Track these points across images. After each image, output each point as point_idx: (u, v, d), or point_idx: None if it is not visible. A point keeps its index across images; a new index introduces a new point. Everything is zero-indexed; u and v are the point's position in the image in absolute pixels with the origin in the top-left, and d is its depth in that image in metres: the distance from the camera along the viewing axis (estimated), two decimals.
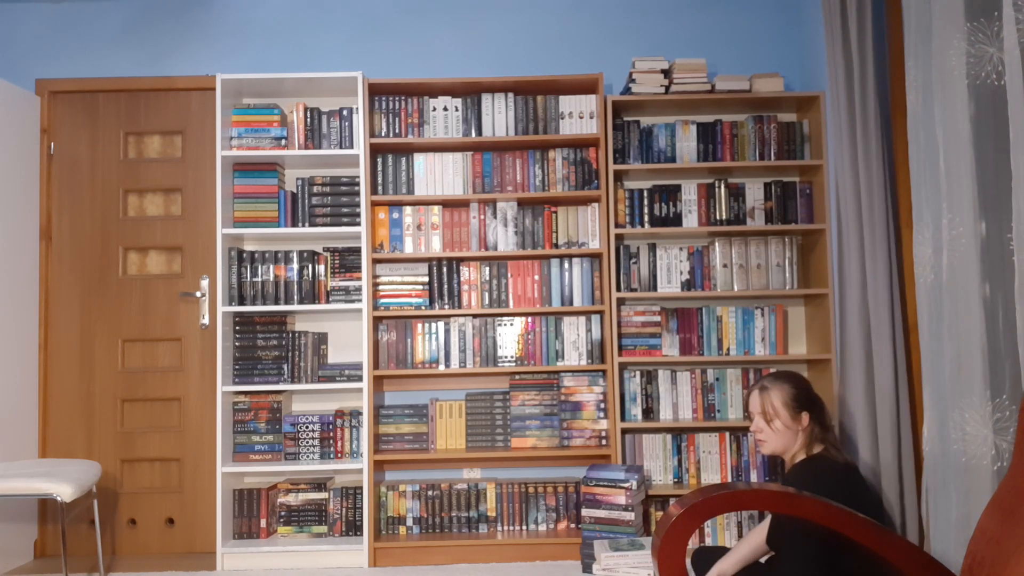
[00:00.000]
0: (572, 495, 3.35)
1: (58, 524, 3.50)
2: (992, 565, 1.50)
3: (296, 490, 3.35)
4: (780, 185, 3.39)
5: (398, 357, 3.37)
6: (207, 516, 3.54)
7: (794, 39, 3.66)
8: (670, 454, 3.36)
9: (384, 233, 3.40)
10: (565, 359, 3.37)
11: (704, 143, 3.40)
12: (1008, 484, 1.57)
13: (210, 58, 3.67)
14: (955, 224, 2.18)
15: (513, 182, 3.41)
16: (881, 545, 1.73)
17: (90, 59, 3.66)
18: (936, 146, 2.27)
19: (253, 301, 3.35)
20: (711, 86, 3.36)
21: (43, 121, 3.60)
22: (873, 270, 2.74)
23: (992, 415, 2.09)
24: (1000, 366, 2.09)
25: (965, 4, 2.14)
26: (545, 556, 3.21)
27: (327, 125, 3.41)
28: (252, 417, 3.34)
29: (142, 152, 3.66)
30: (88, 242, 3.61)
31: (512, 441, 3.35)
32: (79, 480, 2.77)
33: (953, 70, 2.17)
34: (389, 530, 3.36)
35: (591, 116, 3.40)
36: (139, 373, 3.58)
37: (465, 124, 3.42)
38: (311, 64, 3.67)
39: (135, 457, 3.56)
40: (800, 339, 3.55)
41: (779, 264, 3.38)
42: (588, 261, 3.39)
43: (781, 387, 2.25)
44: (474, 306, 3.38)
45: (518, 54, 3.68)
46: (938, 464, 2.31)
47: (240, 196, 3.39)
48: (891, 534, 1.75)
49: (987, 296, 2.14)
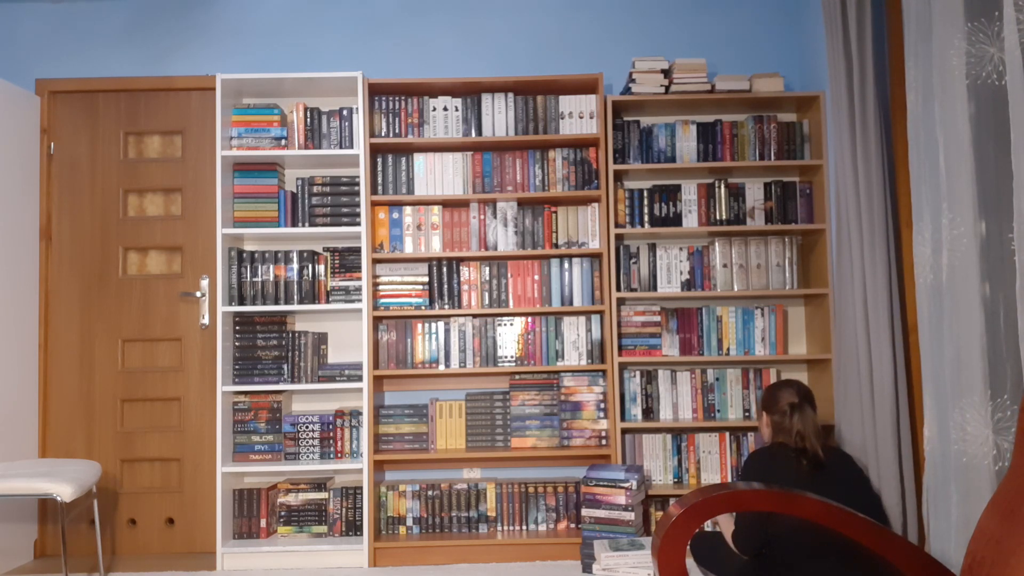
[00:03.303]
0: (572, 495, 3.35)
1: (58, 524, 3.50)
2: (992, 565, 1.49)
3: (296, 490, 3.35)
4: (780, 185, 3.39)
5: (398, 357, 3.37)
6: (207, 516, 3.54)
7: (794, 39, 3.66)
8: (670, 454, 3.36)
9: (384, 233, 3.40)
10: (565, 359, 3.37)
11: (704, 143, 3.40)
12: (1008, 484, 1.57)
13: (210, 58, 3.67)
14: (955, 224, 2.18)
15: (513, 182, 3.41)
16: (881, 545, 1.73)
17: (90, 59, 3.66)
18: (936, 146, 2.27)
19: (253, 301, 3.35)
20: (711, 86, 3.36)
21: (43, 121, 3.60)
22: (873, 270, 2.74)
23: (993, 415, 2.09)
24: (1001, 366, 2.09)
25: (965, 4, 2.14)
26: (545, 556, 3.21)
27: (327, 125, 3.41)
28: (252, 417, 3.34)
29: (142, 152, 3.66)
30: (88, 242, 3.61)
31: (512, 441, 3.35)
32: (79, 480, 2.77)
33: (953, 70, 2.17)
34: (389, 530, 3.36)
35: (591, 116, 3.40)
36: (139, 373, 3.58)
37: (465, 124, 3.42)
38: (311, 64, 3.67)
39: (135, 457, 3.56)
40: (800, 339, 3.55)
41: (779, 264, 3.38)
42: (588, 261, 3.39)
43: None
44: (474, 306, 3.38)
45: (518, 54, 3.68)
46: (938, 464, 2.31)
47: (240, 196, 3.39)
48: (891, 534, 1.75)
49: (987, 296, 2.14)
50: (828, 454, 2.30)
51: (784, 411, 2.37)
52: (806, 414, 2.34)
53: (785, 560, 2.12)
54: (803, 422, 2.32)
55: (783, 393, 2.42)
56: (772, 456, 2.31)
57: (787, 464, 2.27)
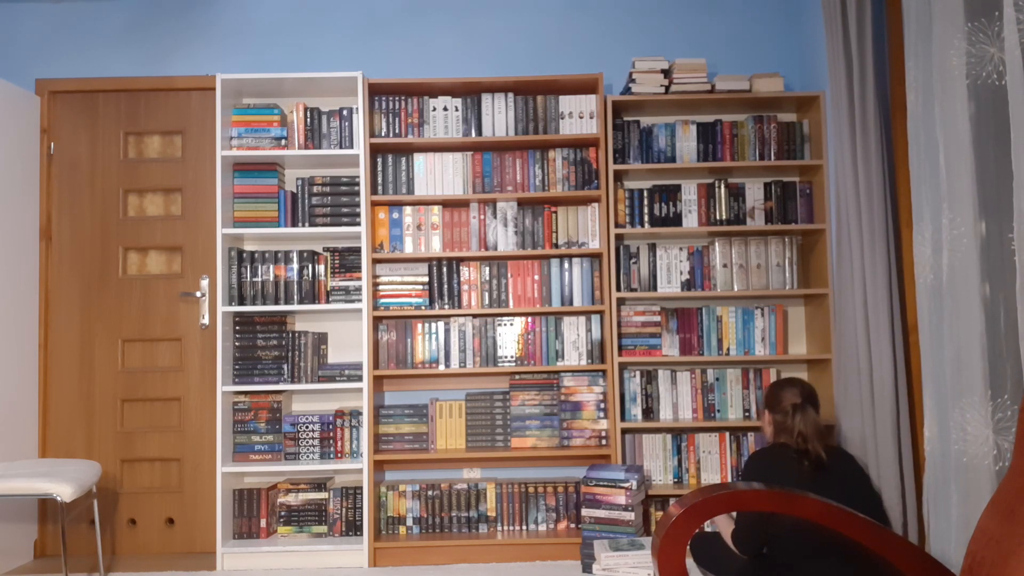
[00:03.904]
0: (572, 495, 3.35)
1: (58, 524, 3.50)
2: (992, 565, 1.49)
3: (296, 490, 3.34)
4: (780, 185, 3.39)
5: (398, 357, 3.37)
6: (207, 516, 3.54)
7: (794, 39, 3.66)
8: (670, 454, 3.36)
9: (384, 233, 3.40)
10: (565, 359, 3.37)
11: (704, 143, 3.40)
12: (1008, 484, 1.57)
13: (210, 58, 3.66)
14: (955, 224, 2.18)
15: (513, 182, 3.41)
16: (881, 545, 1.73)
17: (90, 59, 3.66)
18: (936, 146, 2.27)
19: (253, 301, 3.35)
20: (711, 86, 3.36)
21: (43, 121, 3.60)
22: (873, 270, 2.74)
23: (993, 415, 2.09)
24: (1001, 366, 2.09)
25: (965, 4, 2.14)
26: (545, 556, 3.21)
27: (327, 125, 3.41)
28: (252, 417, 3.33)
29: (142, 152, 3.66)
30: (88, 242, 3.61)
31: (512, 441, 3.35)
32: (79, 480, 2.77)
33: (953, 70, 2.17)
34: (389, 530, 3.36)
35: (591, 116, 3.40)
36: (139, 373, 3.58)
37: (465, 124, 3.42)
38: (311, 64, 3.67)
39: (135, 457, 3.56)
40: (800, 339, 3.55)
41: (779, 264, 3.38)
42: (588, 261, 3.39)
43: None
44: (474, 306, 3.38)
45: (518, 54, 3.68)
46: (938, 464, 2.31)
47: (240, 196, 3.39)
48: (891, 534, 1.75)
49: (987, 296, 2.14)
50: (830, 454, 2.29)
51: (786, 411, 2.36)
52: (808, 415, 2.34)
53: (785, 559, 2.12)
54: (805, 423, 2.31)
55: (786, 393, 2.41)
56: (773, 457, 2.31)
57: (788, 465, 2.26)
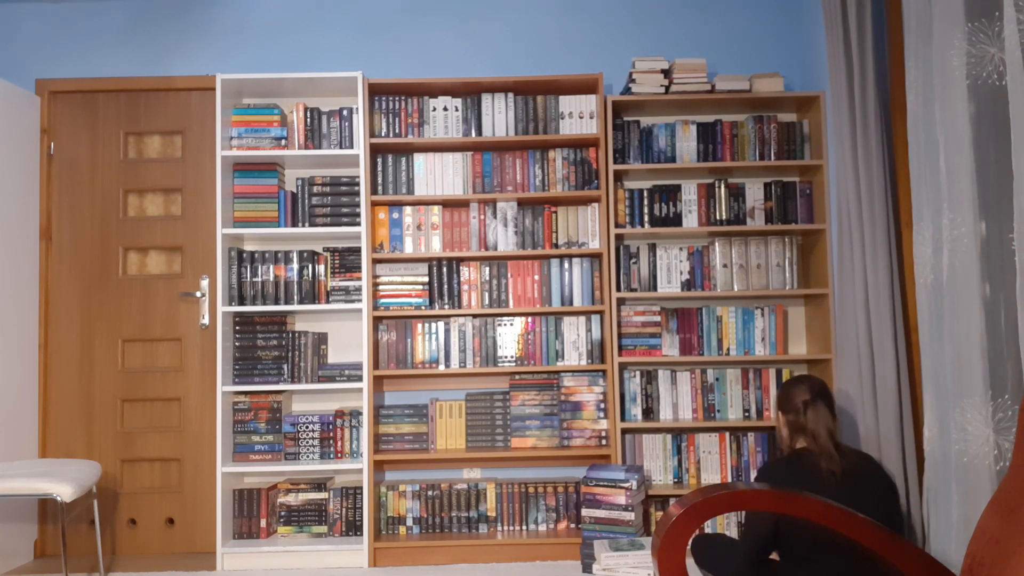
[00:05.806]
0: (572, 495, 3.35)
1: (58, 524, 3.50)
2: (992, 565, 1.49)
3: (296, 490, 3.34)
4: (780, 185, 3.39)
5: (398, 357, 3.37)
6: (207, 516, 3.54)
7: (794, 39, 3.66)
8: (670, 454, 3.36)
9: (384, 233, 3.40)
10: (565, 359, 3.37)
11: (704, 143, 3.40)
12: (1009, 484, 1.57)
13: (210, 58, 3.66)
14: (956, 224, 2.18)
15: (513, 182, 3.41)
16: (881, 545, 1.73)
17: (90, 59, 3.66)
18: (936, 146, 2.27)
19: (253, 301, 3.35)
20: (711, 86, 3.36)
21: (43, 121, 3.60)
22: (874, 270, 2.74)
23: (994, 415, 2.08)
24: (1001, 366, 2.09)
25: (965, 4, 2.14)
26: (545, 556, 3.21)
27: (327, 125, 3.41)
28: (252, 417, 3.33)
29: (142, 152, 3.66)
30: (88, 242, 3.61)
31: (512, 441, 3.35)
32: (79, 480, 2.77)
33: (954, 70, 2.17)
34: (389, 530, 3.36)
35: (591, 116, 3.40)
36: (139, 373, 3.58)
37: (465, 124, 3.41)
38: (311, 64, 3.67)
39: (135, 457, 3.56)
40: (800, 339, 3.55)
41: (779, 264, 3.38)
42: (588, 261, 3.38)
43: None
44: (474, 306, 3.38)
45: (518, 54, 3.68)
46: (939, 464, 2.31)
47: (240, 196, 3.39)
48: (891, 534, 1.75)
49: (987, 296, 2.14)
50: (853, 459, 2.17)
51: (798, 409, 2.25)
52: (819, 411, 2.22)
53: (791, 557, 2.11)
54: (816, 420, 2.20)
55: (796, 390, 2.30)
56: (790, 468, 2.17)
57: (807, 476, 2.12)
